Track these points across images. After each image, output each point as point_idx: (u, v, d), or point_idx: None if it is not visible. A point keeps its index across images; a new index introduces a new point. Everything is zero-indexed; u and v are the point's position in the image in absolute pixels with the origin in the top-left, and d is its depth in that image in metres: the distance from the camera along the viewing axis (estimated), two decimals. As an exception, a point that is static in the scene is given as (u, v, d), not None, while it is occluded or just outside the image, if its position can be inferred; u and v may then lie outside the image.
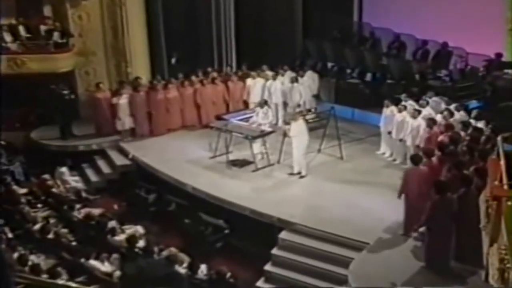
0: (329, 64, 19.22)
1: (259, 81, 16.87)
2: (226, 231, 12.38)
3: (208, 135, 15.10)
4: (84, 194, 14.47)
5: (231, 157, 14.30)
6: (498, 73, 15.27)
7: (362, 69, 18.20)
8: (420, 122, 12.87)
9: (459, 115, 12.93)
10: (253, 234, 11.90)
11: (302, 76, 16.92)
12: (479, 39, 15.36)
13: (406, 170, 10.77)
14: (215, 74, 17.38)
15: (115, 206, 14.21)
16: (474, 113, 12.83)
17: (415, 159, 10.53)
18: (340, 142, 14.49)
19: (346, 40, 19.16)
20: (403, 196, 10.51)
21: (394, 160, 13.99)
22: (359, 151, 14.88)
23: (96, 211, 13.02)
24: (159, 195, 13.96)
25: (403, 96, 14.37)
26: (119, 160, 15.43)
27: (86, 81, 17.67)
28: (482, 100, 14.89)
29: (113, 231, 11.68)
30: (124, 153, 15.57)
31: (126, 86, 16.27)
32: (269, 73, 17.06)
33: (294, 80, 16.45)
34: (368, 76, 18.12)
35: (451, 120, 12.55)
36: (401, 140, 13.45)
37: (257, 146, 14.03)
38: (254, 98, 16.55)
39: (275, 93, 16.60)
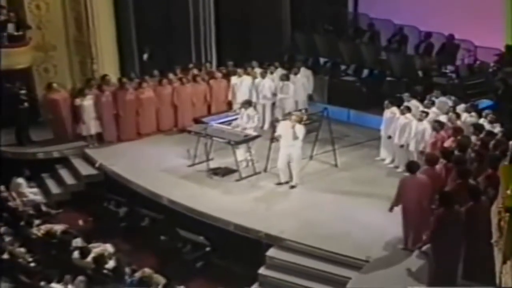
0: (321, 60, 19.35)
1: (246, 79, 16.95)
2: (207, 249, 12.39)
3: (185, 141, 15.09)
4: (44, 208, 14.37)
5: (212, 165, 14.33)
6: (510, 69, 15.45)
7: (358, 65, 18.36)
8: (426, 125, 12.98)
9: (469, 117, 13.05)
10: (237, 251, 11.92)
11: (296, 73, 17.02)
12: (489, 31, 15.55)
13: (401, 179, 10.75)
14: (196, 71, 17.42)
15: (80, 222, 14.15)
16: (488, 115, 12.88)
17: (412, 167, 10.53)
18: (334, 147, 14.57)
19: (340, 32, 19.30)
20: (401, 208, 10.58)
21: (396, 167, 14.09)
22: (356, 158, 14.97)
23: (58, 228, 12.92)
24: (131, 208, 13.93)
25: (405, 95, 14.49)
26: (85, 169, 15.37)
27: (45, 79, 17.53)
28: (493, 99, 15.03)
29: (78, 250, 11.62)
30: (90, 161, 15.53)
31: (92, 85, 16.27)
32: (258, 70, 17.15)
33: (284, 79, 16.55)
34: (365, 73, 18.27)
35: (460, 122, 12.66)
36: (403, 145, 13.56)
37: (241, 152, 14.07)
38: (241, 98, 16.56)
39: (264, 93, 16.70)
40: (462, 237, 9.22)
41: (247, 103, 14.71)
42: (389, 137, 14.02)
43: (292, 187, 13.36)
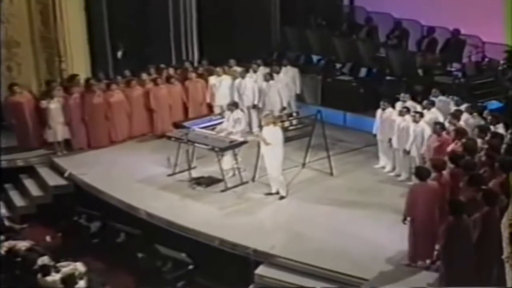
0: (314, 58, 19.42)
1: (225, 79, 17.01)
2: (190, 267, 12.36)
3: (165, 147, 15.11)
4: (7, 223, 14.30)
5: (194, 174, 14.34)
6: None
7: (354, 63, 18.43)
8: (424, 126, 13.06)
9: (471, 118, 13.13)
10: (223, 269, 11.90)
11: (277, 72, 17.07)
12: (499, 25, 15.64)
13: (411, 187, 10.88)
14: (171, 71, 17.43)
15: (48, 238, 14.08)
16: (488, 115, 12.97)
17: (422, 173, 10.59)
18: (329, 154, 14.62)
19: (335, 27, 19.38)
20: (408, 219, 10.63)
21: (397, 175, 14.16)
22: (353, 165, 15.03)
23: (23, 245, 12.85)
24: (104, 223, 13.88)
25: (401, 95, 14.53)
26: (52, 179, 15.33)
27: (8, 79, 17.45)
28: (502, 101, 15.13)
29: (44, 270, 11.56)
30: (58, 170, 15.49)
31: (54, 87, 16.24)
32: (238, 69, 17.18)
33: (268, 78, 16.60)
34: (363, 72, 18.34)
35: (462, 123, 12.73)
36: (405, 151, 13.61)
37: (226, 160, 14.08)
38: (220, 100, 16.67)
39: (246, 94, 16.74)
40: (474, 250, 9.26)
41: (233, 105, 14.73)
42: (389, 140, 14.04)
43: (282, 197, 13.37)
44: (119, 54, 18.89)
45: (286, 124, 14.34)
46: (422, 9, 17.67)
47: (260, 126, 14.02)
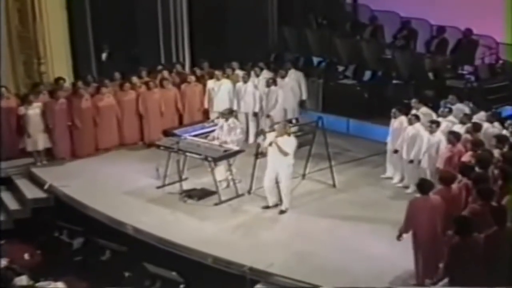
0: (314, 60, 19.48)
1: (225, 83, 17.06)
2: (181, 286, 12.36)
3: (153, 157, 15.13)
4: (-18, 239, 14.31)
5: (186, 186, 14.35)
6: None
7: (358, 66, 18.51)
8: (441, 137, 13.06)
9: (491, 127, 13.18)
10: (217, 289, 11.94)
11: (283, 76, 17.14)
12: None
13: (411, 201, 10.75)
14: (166, 74, 17.49)
15: (26, 256, 14.05)
16: (510, 125, 13.00)
17: (423, 186, 10.54)
18: (331, 164, 14.66)
19: (337, 27, 19.45)
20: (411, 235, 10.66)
21: (405, 187, 14.20)
22: (357, 176, 15.09)
23: None
24: (88, 239, 13.86)
25: (413, 102, 14.59)
26: (31, 192, 15.30)
27: (-17, 82, 17.57)
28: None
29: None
30: (37, 182, 15.48)
31: (40, 91, 16.26)
32: (240, 73, 17.25)
33: (270, 83, 16.67)
34: (367, 75, 18.41)
35: (480, 134, 12.75)
36: (411, 161, 13.67)
37: (220, 170, 14.11)
38: (219, 106, 16.64)
39: (245, 100, 16.81)
40: (483, 271, 9.19)
41: (228, 112, 14.78)
42: (396, 151, 14.12)
43: (282, 212, 13.40)
44: (104, 55, 18.92)
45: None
46: (431, 7, 17.72)
47: (257, 135, 14.04)
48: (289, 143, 13.13)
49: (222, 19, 19.76)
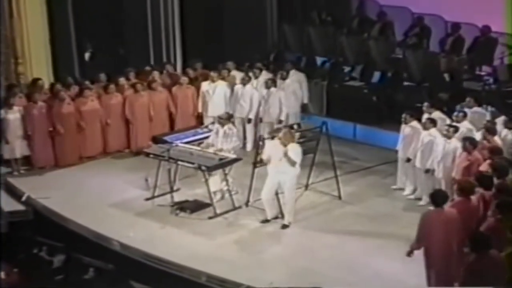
0: (318, 60, 19.52)
1: (220, 85, 17.15)
2: (172, 307, 12.42)
3: (142, 166, 15.20)
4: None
5: (177, 197, 14.36)
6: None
7: (366, 66, 18.55)
8: (457, 144, 13.02)
9: (510, 134, 13.20)
10: (211, 311, 11.96)
11: (284, 78, 17.22)
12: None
13: (424, 214, 10.72)
14: (156, 75, 17.55)
15: (2, 274, 14.09)
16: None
17: (437, 198, 10.48)
18: (336, 174, 14.71)
19: (342, 24, 19.51)
20: (422, 252, 10.70)
21: (418, 199, 14.23)
22: (365, 187, 15.14)
23: (-27, 283, 12.91)
24: (69, 256, 13.88)
25: (424, 105, 14.60)
26: (8, 204, 15.23)
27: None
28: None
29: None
30: (14, 193, 15.51)
31: (16, 94, 16.31)
32: (237, 74, 17.31)
33: (270, 85, 16.73)
34: (376, 77, 18.46)
35: (499, 140, 12.77)
36: (428, 170, 13.70)
37: (215, 181, 14.14)
38: (214, 110, 16.73)
39: (241, 104, 16.89)
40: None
41: (226, 117, 14.77)
42: (408, 159, 14.14)
43: (285, 226, 13.41)
44: (87, 55, 18.95)
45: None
46: (446, 2, 17.83)
47: (257, 143, 14.05)
48: (297, 151, 13.15)
49: (218, 15, 19.78)
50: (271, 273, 11.93)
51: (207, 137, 14.92)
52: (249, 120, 17.05)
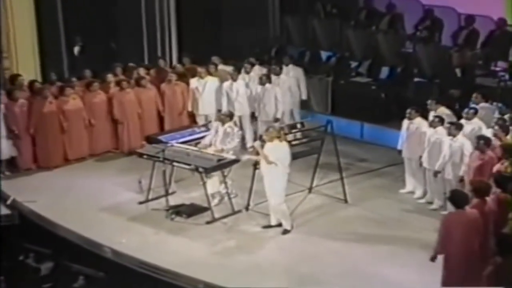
0: (323, 54, 19.52)
1: (210, 81, 17.20)
2: (167, 318, 12.41)
3: (135, 167, 15.23)
4: None
5: (173, 201, 14.37)
6: None
7: (374, 62, 18.55)
8: (463, 141, 13.09)
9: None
10: (209, 321, 11.96)
11: (277, 73, 17.19)
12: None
13: (445, 217, 10.81)
14: (142, 72, 17.55)
15: (-14, 283, 14.13)
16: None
17: (458, 199, 10.50)
18: (342, 175, 14.71)
19: (349, 16, 19.52)
20: (441, 257, 10.68)
21: (429, 203, 14.24)
22: (372, 190, 15.15)
23: (-44, 292, 12.93)
24: (58, 263, 13.89)
25: (428, 102, 14.63)
26: (-8, 208, 15.39)
27: None
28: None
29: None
30: (-1, 197, 15.55)
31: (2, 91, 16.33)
32: (227, 69, 17.29)
33: (264, 81, 16.70)
34: (384, 72, 18.46)
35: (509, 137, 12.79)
36: (438, 172, 13.65)
37: (213, 183, 14.14)
38: (205, 108, 16.84)
39: (239, 101, 16.90)
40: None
41: (227, 115, 14.73)
42: (420, 158, 14.08)
43: (286, 231, 13.40)
44: (76, 50, 18.94)
45: (289, 138, 14.13)
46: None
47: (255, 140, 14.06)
48: (279, 150, 12.99)
49: (216, 7, 19.79)
50: (271, 281, 11.94)
51: (204, 137, 14.94)
52: (253, 115, 17.07)
